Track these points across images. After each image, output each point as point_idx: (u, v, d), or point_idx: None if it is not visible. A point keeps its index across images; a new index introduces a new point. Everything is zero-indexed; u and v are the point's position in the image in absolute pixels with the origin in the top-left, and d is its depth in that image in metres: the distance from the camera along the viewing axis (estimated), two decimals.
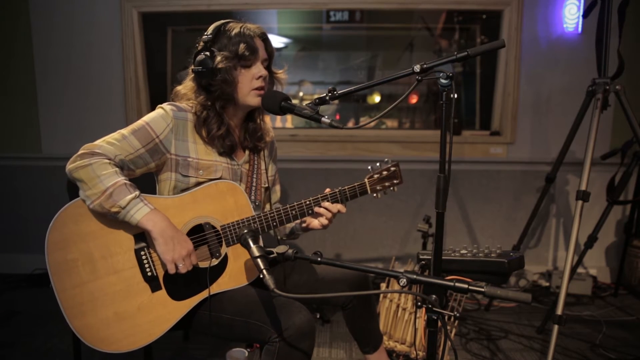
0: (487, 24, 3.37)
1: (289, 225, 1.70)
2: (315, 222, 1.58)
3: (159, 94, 3.36)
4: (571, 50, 2.98)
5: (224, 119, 1.46)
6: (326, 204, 1.53)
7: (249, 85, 1.44)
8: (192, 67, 1.43)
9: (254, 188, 1.57)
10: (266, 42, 1.48)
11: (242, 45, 1.39)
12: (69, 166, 1.28)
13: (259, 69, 1.44)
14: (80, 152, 1.30)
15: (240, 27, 1.42)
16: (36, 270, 3.13)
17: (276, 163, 1.74)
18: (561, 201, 3.14)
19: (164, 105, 1.43)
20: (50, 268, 1.27)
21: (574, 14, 2.94)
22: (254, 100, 1.46)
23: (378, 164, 1.61)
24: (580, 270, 3.07)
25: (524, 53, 3.01)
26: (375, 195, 1.61)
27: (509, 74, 3.03)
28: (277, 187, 1.75)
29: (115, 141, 1.33)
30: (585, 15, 2.55)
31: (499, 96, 3.12)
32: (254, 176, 1.58)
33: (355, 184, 1.58)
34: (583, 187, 2.04)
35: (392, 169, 1.61)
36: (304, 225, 1.63)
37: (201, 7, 3.04)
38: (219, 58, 1.38)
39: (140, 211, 1.27)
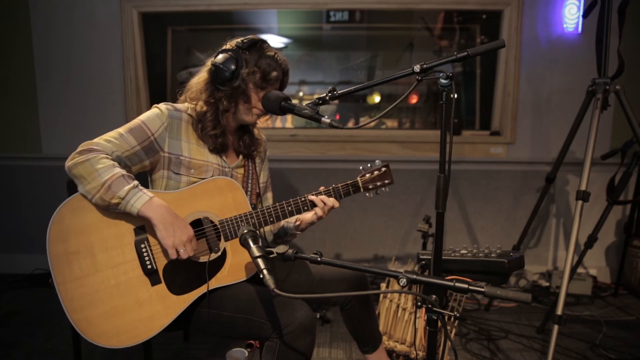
0: (487, 24, 3.37)
1: (279, 225, 1.72)
2: (309, 214, 1.59)
3: (159, 94, 3.35)
4: (571, 50, 2.98)
5: (221, 120, 1.49)
6: (322, 196, 1.57)
7: (254, 103, 1.49)
8: (213, 60, 1.47)
9: (249, 193, 1.59)
10: (286, 76, 1.54)
11: (273, 73, 1.45)
12: (68, 163, 1.30)
13: None
14: (78, 149, 1.32)
15: (274, 53, 1.49)
16: (36, 270, 3.13)
17: (267, 170, 1.76)
18: (561, 201, 3.14)
19: (160, 105, 1.47)
20: (50, 260, 1.28)
21: (574, 14, 2.94)
22: (250, 117, 1.51)
23: (369, 165, 1.65)
24: (580, 270, 3.07)
25: (524, 53, 3.01)
26: (367, 194, 1.64)
27: (509, 74, 3.03)
28: (269, 195, 1.77)
29: (112, 138, 1.37)
30: (585, 15, 2.55)
31: (499, 96, 3.12)
32: (249, 181, 1.61)
33: (348, 181, 1.61)
34: (583, 187, 2.04)
35: (383, 169, 1.64)
36: (297, 223, 1.64)
37: (201, 7, 3.04)
38: (246, 70, 1.43)
39: (140, 200, 1.29)
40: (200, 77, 1.52)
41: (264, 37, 1.59)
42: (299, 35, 3.77)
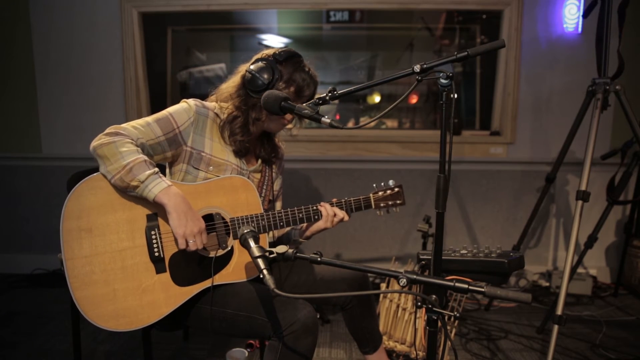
0: (487, 24, 3.37)
1: (284, 231, 1.73)
2: (317, 223, 1.61)
3: (159, 94, 3.35)
4: (571, 50, 2.98)
5: (250, 129, 1.52)
6: (335, 208, 1.60)
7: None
8: (248, 67, 1.49)
9: (262, 198, 1.61)
10: (315, 89, 1.57)
11: (307, 91, 1.51)
12: (94, 143, 1.32)
13: None
14: (106, 131, 1.35)
15: (309, 69, 1.53)
16: (36, 270, 3.12)
17: (281, 179, 1.79)
18: (561, 201, 3.14)
19: (189, 100, 1.50)
20: (62, 235, 1.30)
21: (574, 14, 2.94)
22: (276, 127, 1.57)
23: (382, 184, 1.69)
24: (580, 270, 3.07)
25: (524, 53, 3.01)
26: (378, 212, 1.68)
27: (509, 74, 3.03)
28: (279, 204, 1.78)
29: (139, 126, 1.40)
30: (585, 15, 2.55)
31: (499, 96, 3.12)
32: (264, 187, 1.63)
33: (361, 197, 1.64)
34: (583, 187, 2.04)
35: (396, 189, 1.68)
36: (302, 229, 1.65)
37: (201, 7, 3.04)
38: (281, 82, 1.46)
39: (158, 186, 1.31)
40: (232, 82, 1.55)
41: (264, 37, 1.60)
42: (299, 35, 3.77)
